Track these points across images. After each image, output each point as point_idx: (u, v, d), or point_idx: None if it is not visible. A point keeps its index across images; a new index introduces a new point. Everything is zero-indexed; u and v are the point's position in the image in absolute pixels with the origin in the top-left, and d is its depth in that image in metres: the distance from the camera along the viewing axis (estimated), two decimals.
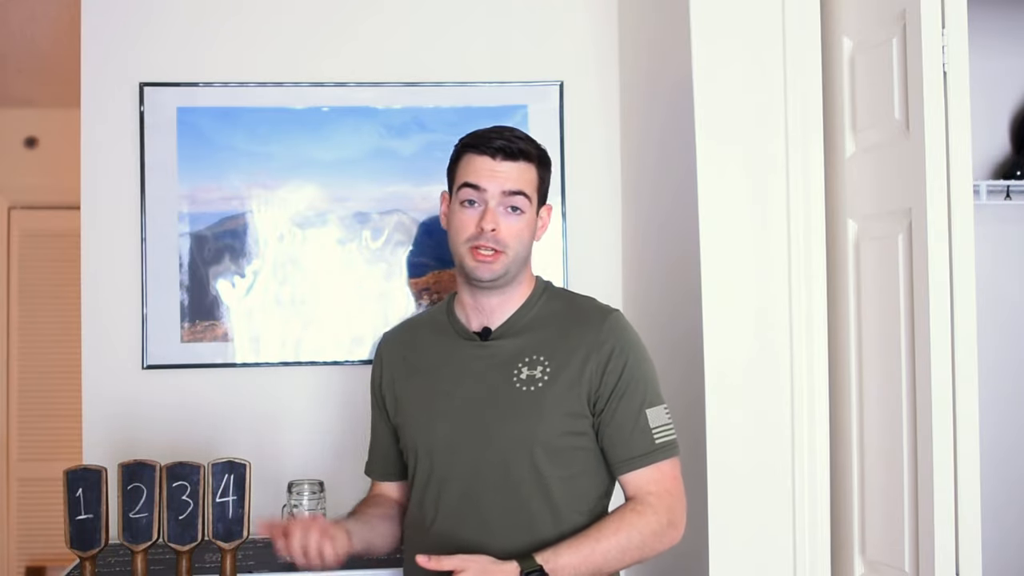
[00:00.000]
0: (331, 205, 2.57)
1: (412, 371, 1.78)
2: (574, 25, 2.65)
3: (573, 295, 1.82)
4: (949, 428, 1.70)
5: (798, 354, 1.98)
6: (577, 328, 1.71)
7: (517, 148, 1.68)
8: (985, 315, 1.89)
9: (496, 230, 1.65)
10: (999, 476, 2.42)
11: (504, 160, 1.67)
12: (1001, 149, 2.60)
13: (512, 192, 1.67)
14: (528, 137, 1.73)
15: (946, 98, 1.72)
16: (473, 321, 1.75)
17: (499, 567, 1.53)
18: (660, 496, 1.65)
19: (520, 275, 1.73)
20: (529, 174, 1.69)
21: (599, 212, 2.65)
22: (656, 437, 1.67)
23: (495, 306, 1.73)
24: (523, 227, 1.69)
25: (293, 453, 2.52)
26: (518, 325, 1.73)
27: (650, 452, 1.66)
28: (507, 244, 1.67)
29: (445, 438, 1.69)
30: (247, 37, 2.58)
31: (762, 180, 2.00)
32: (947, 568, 1.68)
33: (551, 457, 1.66)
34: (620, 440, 1.67)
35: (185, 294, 2.52)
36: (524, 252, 1.71)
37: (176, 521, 1.96)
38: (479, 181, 1.67)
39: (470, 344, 1.74)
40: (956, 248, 1.71)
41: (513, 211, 1.67)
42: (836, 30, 2.01)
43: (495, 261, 1.67)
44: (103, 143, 2.53)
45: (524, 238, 1.69)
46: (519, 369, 1.69)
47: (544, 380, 1.67)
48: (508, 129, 1.73)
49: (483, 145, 1.68)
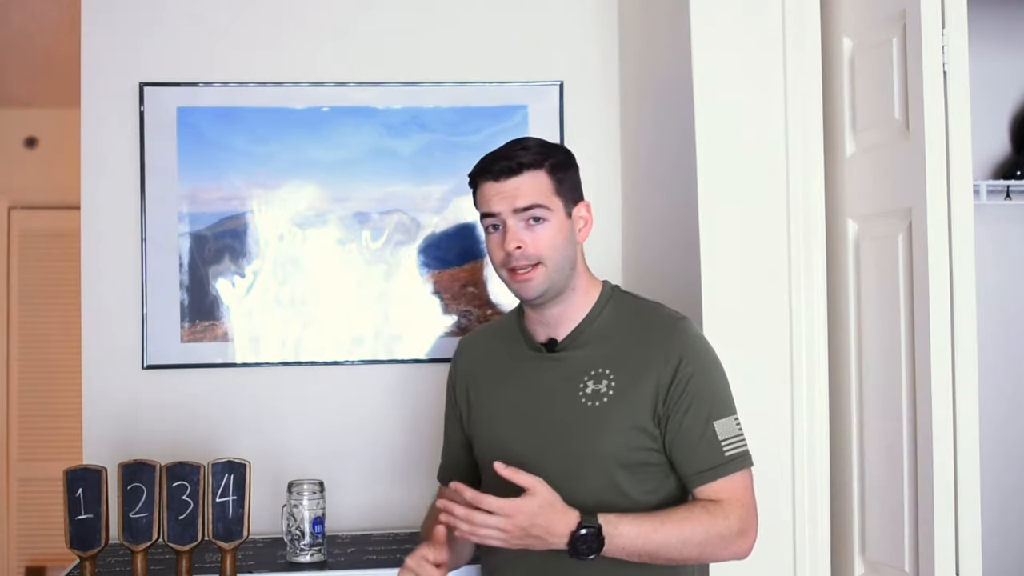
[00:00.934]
0: (331, 205, 2.57)
1: (485, 379, 1.78)
2: (574, 25, 2.65)
3: (641, 301, 1.78)
4: (949, 428, 1.70)
5: (798, 354, 1.98)
6: (644, 339, 1.68)
7: (518, 163, 1.65)
8: (985, 315, 1.88)
9: (521, 247, 1.63)
10: (999, 476, 2.42)
11: (508, 178, 1.64)
12: (1001, 149, 2.60)
13: (523, 208, 1.64)
14: (537, 145, 1.70)
15: (946, 98, 1.72)
16: (540, 333, 1.74)
17: (563, 509, 1.53)
18: (732, 504, 1.62)
19: (572, 281, 1.70)
20: (539, 182, 1.65)
21: (599, 212, 2.60)
22: (725, 449, 1.63)
23: (557, 317, 1.71)
24: (552, 234, 1.65)
25: (293, 453, 2.52)
26: (584, 336, 1.71)
27: (720, 464, 1.63)
28: (540, 255, 1.64)
29: (512, 452, 1.66)
30: (247, 37, 2.58)
31: (762, 180, 2.00)
32: (947, 568, 1.68)
33: (621, 473, 1.64)
34: (689, 453, 1.64)
35: (185, 294, 2.52)
36: (565, 258, 1.67)
37: (176, 521, 1.96)
38: (490, 207, 1.66)
39: (537, 356, 1.72)
40: (956, 248, 1.71)
41: (535, 222, 1.64)
42: (836, 30, 2.01)
43: (534, 276, 1.64)
44: (103, 143, 2.53)
45: (558, 244, 1.66)
46: (584, 383, 1.67)
47: (609, 395, 1.65)
48: (515, 143, 1.70)
49: (486, 171, 1.67)
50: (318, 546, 2.17)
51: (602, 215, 2.63)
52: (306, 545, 2.15)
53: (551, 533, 1.52)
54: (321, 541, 2.17)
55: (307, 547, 2.16)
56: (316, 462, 2.51)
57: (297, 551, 2.16)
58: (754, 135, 2.00)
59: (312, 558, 2.15)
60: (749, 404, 1.97)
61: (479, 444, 1.78)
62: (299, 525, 2.16)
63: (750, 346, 1.98)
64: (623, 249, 2.64)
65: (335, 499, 2.31)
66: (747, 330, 1.98)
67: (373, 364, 2.55)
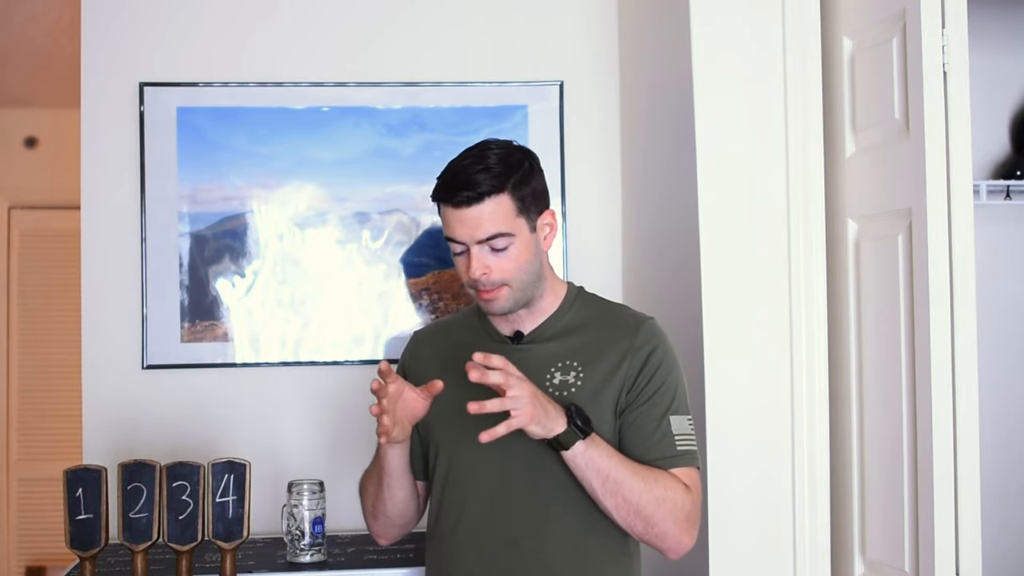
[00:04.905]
0: (331, 205, 2.57)
1: (443, 371, 1.74)
2: (574, 25, 2.65)
3: (606, 302, 1.79)
4: (949, 428, 1.70)
5: (798, 354, 1.98)
6: (612, 335, 1.69)
7: (478, 192, 1.60)
8: (985, 315, 1.88)
9: (487, 272, 1.63)
10: (999, 476, 2.42)
11: (469, 206, 1.61)
12: (1001, 149, 2.59)
13: (486, 238, 1.62)
14: (498, 163, 1.63)
15: (946, 98, 1.72)
16: (504, 326, 1.74)
17: (550, 403, 1.54)
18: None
19: (539, 290, 1.70)
20: (501, 207, 1.61)
21: (599, 212, 2.65)
22: (678, 443, 1.64)
23: (524, 316, 1.72)
24: (515, 256, 1.64)
25: (293, 453, 2.52)
26: (551, 331, 1.72)
27: (673, 456, 1.63)
28: (505, 279, 1.64)
29: (473, 440, 1.63)
30: (247, 37, 2.58)
31: (762, 180, 2.00)
32: (947, 568, 1.68)
33: None
34: (641, 443, 1.64)
35: (185, 294, 2.52)
36: (530, 275, 1.67)
37: (176, 521, 1.96)
38: (454, 235, 1.64)
39: (502, 347, 1.71)
40: (956, 248, 1.71)
41: (498, 249, 1.63)
42: (836, 30, 2.01)
43: (499, 296, 1.65)
44: (103, 143, 2.53)
45: (522, 263, 1.65)
46: (552, 374, 1.67)
47: (577, 386, 1.65)
48: (477, 161, 1.63)
49: (446, 198, 1.63)
50: (318, 546, 2.17)
51: (602, 215, 2.65)
52: (306, 545, 2.16)
53: (549, 405, 1.54)
54: (321, 541, 2.17)
55: (307, 547, 2.16)
56: (316, 462, 2.51)
57: (297, 551, 2.16)
58: (754, 135, 2.00)
59: (312, 558, 2.15)
60: (749, 404, 1.97)
61: (437, 434, 1.74)
62: (299, 525, 2.16)
63: (750, 345, 1.98)
64: (623, 249, 2.64)
65: (335, 499, 2.31)
66: (747, 330, 1.98)
67: (373, 364, 2.55)
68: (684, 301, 2.09)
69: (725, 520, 1.94)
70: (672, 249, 2.24)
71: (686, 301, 2.07)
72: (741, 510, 1.95)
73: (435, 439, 1.75)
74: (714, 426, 1.95)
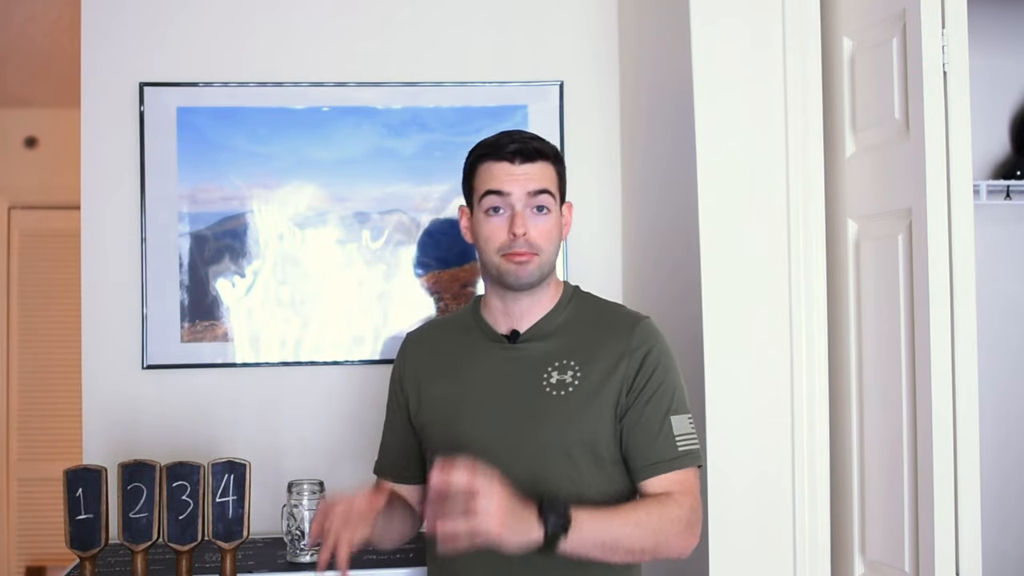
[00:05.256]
0: (331, 205, 2.57)
1: (439, 371, 1.75)
2: (574, 25, 2.65)
3: (602, 301, 1.79)
4: (949, 428, 1.70)
5: (798, 354, 1.98)
6: (608, 334, 1.69)
7: (532, 148, 1.66)
8: (985, 315, 1.88)
9: (527, 233, 1.64)
10: (999, 476, 2.42)
11: (523, 162, 1.65)
12: (1001, 149, 2.59)
13: (537, 191, 1.65)
14: (539, 137, 1.72)
15: (946, 98, 1.72)
16: (501, 324, 1.73)
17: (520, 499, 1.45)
18: (683, 495, 1.62)
19: (549, 277, 1.72)
20: (549, 172, 1.68)
21: (599, 212, 2.65)
22: (679, 443, 1.64)
23: (524, 309, 1.71)
24: (552, 227, 1.67)
25: (293, 453, 2.52)
26: (547, 329, 1.71)
27: (675, 458, 1.63)
28: (540, 246, 1.65)
29: (474, 441, 1.65)
30: (247, 37, 2.58)
31: (762, 180, 2.00)
32: (947, 568, 1.68)
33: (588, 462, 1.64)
34: (645, 444, 1.64)
35: (185, 294, 2.52)
36: (555, 253, 1.69)
37: (176, 521, 1.96)
38: (502, 186, 1.64)
39: (498, 346, 1.72)
40: (956, 248, 1.71)
41: (540, 211, 1.66)
42: (836, 30, 2.01)
43: (530, 263, 1.65)
44: (103, 143, 2.53)
45: (554, 237, 1.68)
46: (549, 373, 1.67)
47: (575, 385, 1.65)
48: (516, 132, 1.71)
49: (499, 151, 1.66)
50: (318, 546, 2.17)
51: (602, 215, 2.65)
52: (306, 545, 2.16)
53: (526, 518, 1.45)
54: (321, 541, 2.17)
55: (307, 547, 2.16)
56: (316, 462, 2.51)
57: (297, 551, 2.16)
58: (754, 135, 2.00)
59: (312, 558, 2.15)
60: (749, 404, 1.97)
61: (434, 437, 1.73)
62: (299, 525, 2.16)
63: (750, 345, 1.98)
64: (623, 249, 2.64)
65: None
66: (747, 330, 1.98)
67: (373, 364, 2.55)
68: (684, 301, 2.09)
69: (725, 520, 1.94)
70: (672, 249, 2.24)
71: (686, 301, 2.07)
72: (741, 510, 1.95)
73: (432, 441, 1.75)
74: (714, 426, 1.95)
